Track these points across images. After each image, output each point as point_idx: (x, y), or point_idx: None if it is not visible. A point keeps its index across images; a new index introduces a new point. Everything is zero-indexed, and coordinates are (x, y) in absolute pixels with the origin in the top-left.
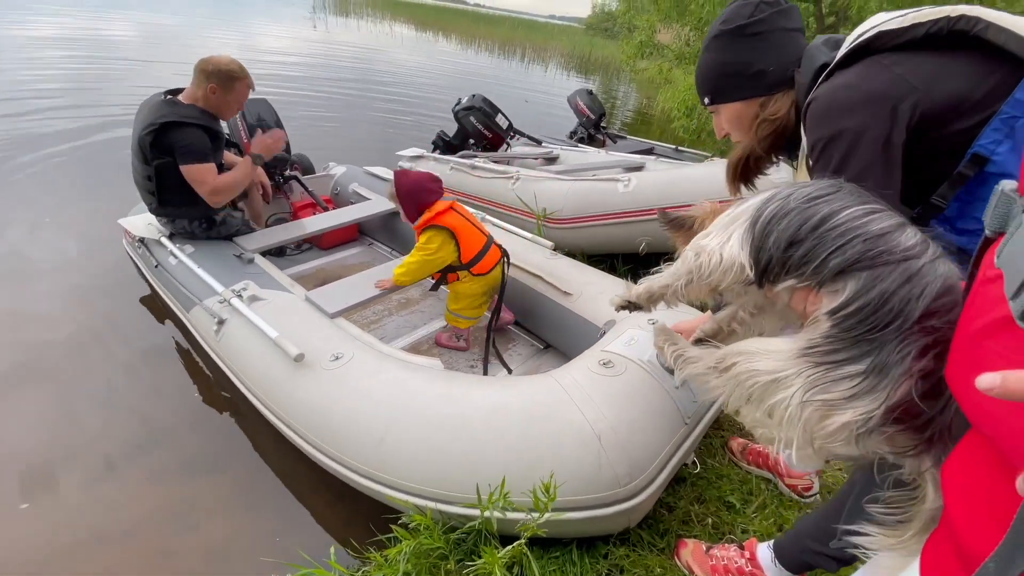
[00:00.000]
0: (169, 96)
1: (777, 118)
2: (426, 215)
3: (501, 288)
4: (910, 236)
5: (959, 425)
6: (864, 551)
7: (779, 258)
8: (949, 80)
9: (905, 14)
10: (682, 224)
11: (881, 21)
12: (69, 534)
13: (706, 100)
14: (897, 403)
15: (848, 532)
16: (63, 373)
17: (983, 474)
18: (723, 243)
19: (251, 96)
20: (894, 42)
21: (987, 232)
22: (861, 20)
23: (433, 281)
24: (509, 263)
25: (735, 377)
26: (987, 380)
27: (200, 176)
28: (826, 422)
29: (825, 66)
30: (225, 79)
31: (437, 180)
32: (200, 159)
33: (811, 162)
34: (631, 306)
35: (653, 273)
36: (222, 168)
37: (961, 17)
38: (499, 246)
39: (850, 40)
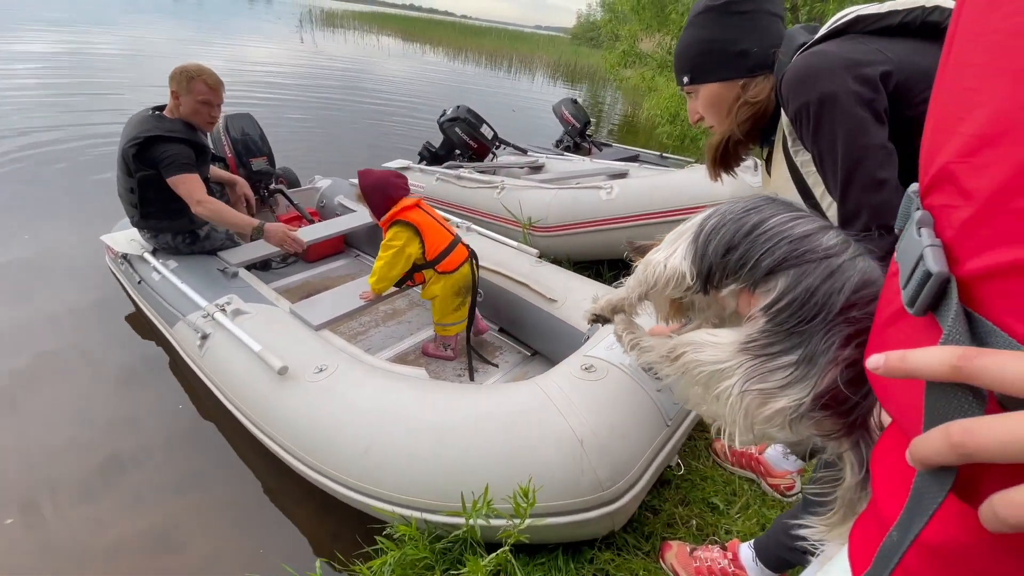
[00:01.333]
0: (155, 111)
1: (758, 101)
2: (392, 210)
3: (474, 289)
4: (831, 237)
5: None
6: (812, 544)
7: (719, 264)
8: (920, 59)
9: (883, 3)
10: (646, 251)
11: (859, 8)
12: (50, 557)
13: (685, 79)
14: (824, 390)
15: (796, 526)
16: (45, 392)
17: (899, 451)
18: (668, 256)
19: (235, 111)
20: (870, 27)
21: (895, 229)
22: None
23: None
24: (478, 263)
25: (684, 365)
26: (872, 361)
27: (188, 186)
28: (763, 408)
29: (803, 45)
30: (182, 80)
31: (402, 176)
32: (185, 170)
33: (797, 133)
34: (600, 319)
35: (616, 286)
36: (207, 182)
37: (935, 8)
38: (466, 245)
39: (828, 24)
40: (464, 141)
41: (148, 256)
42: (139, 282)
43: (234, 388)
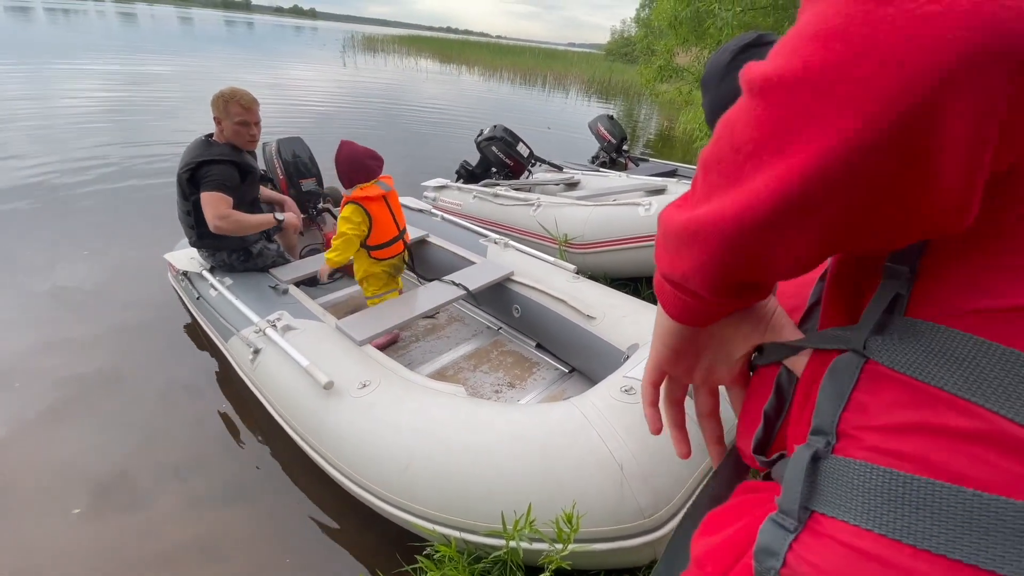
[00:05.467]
0: (207, 138)
1: None
2: (357, 192)
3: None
4: None
5: None
6: None
7: None
8: None
9: None
10: None
11: None
12: (108, 558)
13: None
14: None
15: None
16: (106, 400)
17: None
18: None
19: (285, 133)
20: None
21: None
22: None
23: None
24: (411, 255)
25: None
26: None
27: (210, 201)
28: None
29: None
30: (220, 105)
31: (377, 159)
32: (216, 188)
33: None
34: None
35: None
36: (256, 201)
37: None
38: (405, 243)
39: None
40: (500, 159)
41: (206, 273)
42: (197, 298)
43: (283, 401)
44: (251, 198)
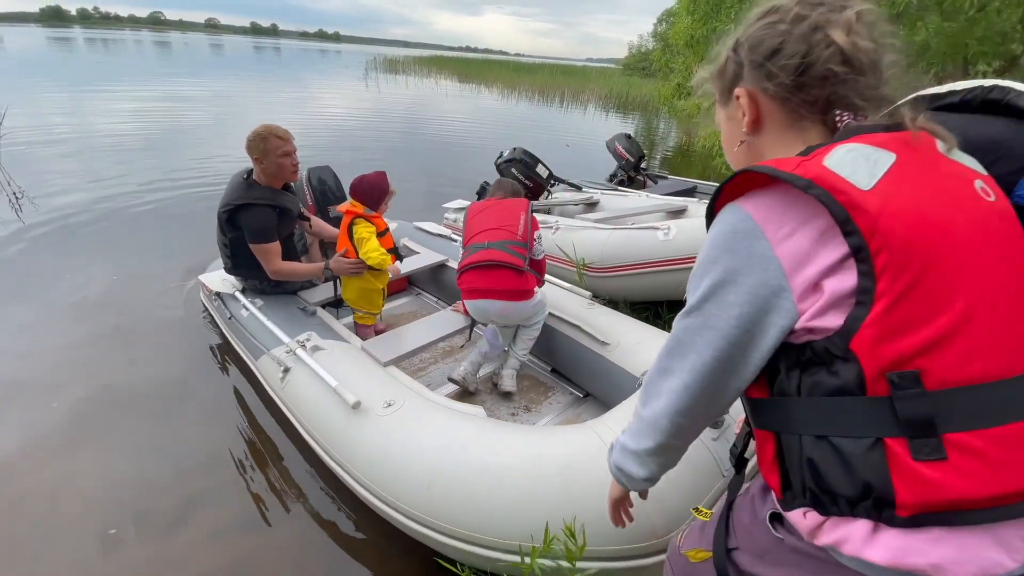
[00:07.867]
0: (247, 177)
1: None
2: (373, 214)
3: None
4: None
5: None
6: None
7: None
8: (984, 127)
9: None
10: None
11: (920, 92)
12: None
13: None
14: None
15: None
16: (141, 417)
17: None
18: None
19: (311, 158)
20: (931, 106)
21: None
22: None
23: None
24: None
25: None
26: None
27: (265, 255)
28: None
29: None
30: (258, 144)
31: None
32: (265, 239)
33: None
34: None
35: None
36: (291, 237)
37: (994, 87)
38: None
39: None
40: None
41: (238, 295)
42: (229, 318)
43: (311, 419)
44: (285, 235)
